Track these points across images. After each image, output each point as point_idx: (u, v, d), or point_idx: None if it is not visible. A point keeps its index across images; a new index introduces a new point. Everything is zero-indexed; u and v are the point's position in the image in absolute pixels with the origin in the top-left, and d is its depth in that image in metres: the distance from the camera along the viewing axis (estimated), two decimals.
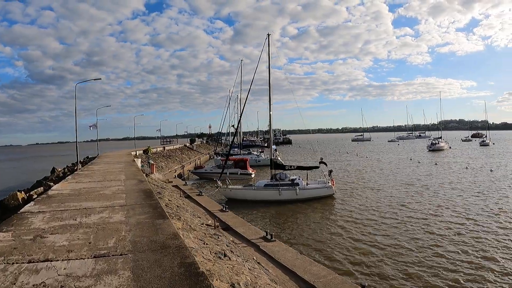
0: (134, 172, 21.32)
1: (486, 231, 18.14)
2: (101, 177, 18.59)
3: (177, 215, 14.66)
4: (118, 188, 14.19)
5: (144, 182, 16.25)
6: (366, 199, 27.26)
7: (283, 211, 24.35)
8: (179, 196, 23.71)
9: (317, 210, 24.63)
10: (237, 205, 24.88)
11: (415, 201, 26.16)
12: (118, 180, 16.95)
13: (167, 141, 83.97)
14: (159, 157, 47.22)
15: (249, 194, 27.30)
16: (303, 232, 18.91)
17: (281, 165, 29.80)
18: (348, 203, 26.20)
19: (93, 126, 45.54)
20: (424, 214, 22.07)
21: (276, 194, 26.94)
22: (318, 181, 29.70)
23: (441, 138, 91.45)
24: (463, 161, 55.52)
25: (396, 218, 21.12)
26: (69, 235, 6.83)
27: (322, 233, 18.62)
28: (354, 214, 22.53)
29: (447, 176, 38.39)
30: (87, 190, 13.57)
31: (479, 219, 20.47)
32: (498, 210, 22.54)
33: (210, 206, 20.71)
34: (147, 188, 14.11)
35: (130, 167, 24.39)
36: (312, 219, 21.97)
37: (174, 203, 19.24)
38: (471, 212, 22.13)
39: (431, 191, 30.05)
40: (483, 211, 22.40)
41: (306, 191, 27.74)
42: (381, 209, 23.68)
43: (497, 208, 22.93)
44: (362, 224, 20.05)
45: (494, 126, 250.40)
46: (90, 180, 17.03)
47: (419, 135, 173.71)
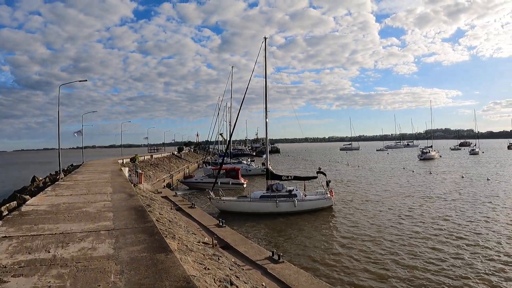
0: (121, 183, 19.29)
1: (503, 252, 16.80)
2: (84, 189, 16.58)
3: (170, 233, 12.93)
4: (104, 204, 12.26)
5: (134, 196, 14.28)
6: (367, 212, 25.78)
7: (282, 225, 22.71)
8: (170, 208, 21.88)
9: (318, 224, 23.06)
10: (230, 218, 23.16)
11: (419, 213, 24.79)
12: (104, 194, 14.94)
13: (154, 149, 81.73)
14: (147, 165, 45.14)
15: (244, 206, 25.58)
16: (309, 251, 17.24)
17: (277, 175, 28.17)
18: (348, 216, 24.67)
19: (78, 132, 43.18)
20: (433, 228, 20.70)
21: (273, 206, 25.30)
22: (316, 192, 28.23)
23: (431, 147, 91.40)
24: (457, 170, 54.89)
25: (401, 235, 19.58)
26: (37, 279, 4.98)
27: (329, 252, 16.98)
28: (358, 230, 20.99)
29: (445, 186, 37.31)
30: (67, 207, 11.61)
31: (489, 233, 19.19)
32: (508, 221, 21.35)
33: (204, 220, 18.95)
34: (138, 205, 12.18)
35: (117, 177, 22.37)
36: (315, 234, 20.37)
37: (165, 217, 17.46)
38: (478, 227, 20.86)
39: (433, 202, 28.82)
40: (489, 223, 21.17)
41: (304, 202, 26.20)
42: (384, 224, 22.17)
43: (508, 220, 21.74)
44: (370, 241, 18.51)
45: (480, 135, 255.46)
46: (72, 193, 15.03)
47: (407, 144, 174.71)
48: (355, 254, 16.46)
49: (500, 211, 24.62)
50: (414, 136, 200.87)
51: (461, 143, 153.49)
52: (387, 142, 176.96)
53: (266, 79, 28.58)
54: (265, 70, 28.51)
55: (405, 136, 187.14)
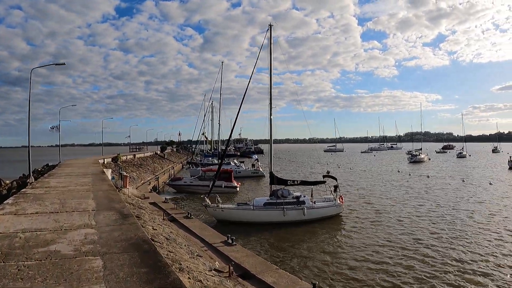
0: (107, 192, 14.77)
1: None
2: (57, 202, 12.05)
3: (174, 260, 9.52)
4: (86, 235, 7.76)
5: (130, 218, 9.71)
6: (380, 221, 23.07)
7: (295, 237, 19.50)
8: (162, 219, 18.33)
9: (331, 234, 20.02)
10: (228, 228, 19.87)
11: (437, 222, 22.35)
12: (84, 211, 10.38)
13: (136, 148, 77.14)
14: (130, 166, 41.11)
15: (246, 215, 22.21)
16: (339, 276, 14.05)
17: (282, 180, 24.90)
18: (362, 227, 21.77)
19: (55, 128, 38.25)
20: (457, 240, 18.01)
21: (280, 214, 22.08)
22: (324, 198, 25.19)
23: (421, 150, 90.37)
24: (453, 174, 53.21)
25: (422, 249, 16.94)
26: None
27: (366, 275, 13.85)
28: (386, 245, 18.03)
29: (451, 192, 35.04)
30: (26, 239, 7.38)
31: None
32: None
33: (208, 236, 15.52)
34: (141, 238, 7.54)
35: (100, 183, 17.94)
36: (335, 250, 17.23)
37: (160, 232, 13.97)
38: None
39: (446, 209, 26.46)
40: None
41: (314, 210, 23.14)
42: (404, 239, 19.30)
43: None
44: (412, 259, 15.55)
45: (460, 138, 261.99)
46: (38, 210, 10.54)
47: (391, 146, 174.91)
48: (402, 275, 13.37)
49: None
50: (394, 139, 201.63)
51: (445, 146, 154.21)
52: (371, 144, 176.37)
53: (271, 71, 25.32)
54: (270, 60, 25.25)
55: (386, 138, 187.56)
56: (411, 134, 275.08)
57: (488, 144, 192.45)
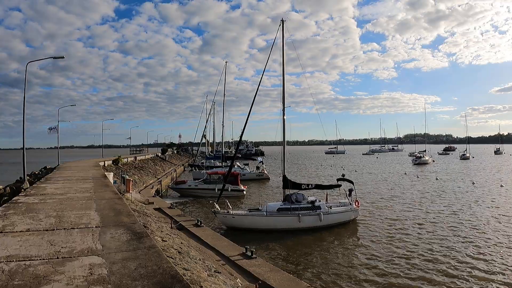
0: (112, 201, 12.44)
1: None
2: (54, 215, 9.89)
3: (193, 281, 8.06)
4: (90, 266, 5.68)
5: (146, 239, 7.41)
6: (398, 227, 21.79)
7: (312, 246, 18.02)
8: (170, 227, 16.84)
9: (353, 243, 18.55)
10: (240, 236, 18.48)
11: (456, 229, 21.06)
12: (86, 229, 8.20)
13: (137, 150, 75.51)
14: (131, 168, 39.58)
15: (259, 222, 20.69)
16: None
17: (296, 184, 23.38)
18: (383, 234, 20.39)
19: (53, 129, 36.49)
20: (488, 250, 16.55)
21: (295, 221, 20.60)
22: (340, 202, 23.72)
23: (425, 152, 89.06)
24: (461, 176, 52.01)
25: (460, 261, 15.49)
26: None
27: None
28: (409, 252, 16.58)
29: (464, 195, 33.84)
30: (10, 273, 5.29)
31: None
32: None
33: (223, 247, 14.01)
34: (168, 270, 5.48)
35: (103, 189, 15.73)
36: (362, 261, 15.75)
37: (171, 244, 12.48)
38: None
39: (463, 214, 25.22)
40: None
41: (330, 216, 21.71)
42: (423, 244, 18.10)
43: None
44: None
45: (459, 140, 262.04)
46: (30, 227, 8.33)
47: (392, 148, 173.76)
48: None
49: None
50: (394, 141, 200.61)
51: (446, 148, 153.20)
52: (372, 146, 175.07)
53: (283, 68, 23.93)
54: (283, 57, 23.90)
55: (385, 140, 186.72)
56: (410, 136, 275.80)
57: (488, 146, 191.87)
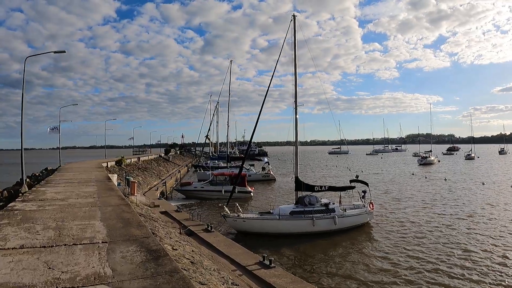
0: (119, 208, 10.95)
1: None
2: (53, 226, 8.42)
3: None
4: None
5: (165, 259, 5.85)
6: (414, 231, 20.83)
7: (329, 252, 17.01)
8: (179, 233, 15.83)
9: (371, 247, 17.52)
10: (253, 241, 17.52)
11: (474, 231, 20.25)
12: (91, 246, 6.72)
13: (140, 150, 74.60)
14: (135, 169, 38.63)
15: (271, 225, 19.68)
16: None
17: (309, 186, 22.35)
18: (399, 237, 19.47)
19: (54, 129, 35.33)
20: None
21: (309, 224, 19.60)
22: (353, 204, 22.71)
23: (431, 152, 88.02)
24: (469, 177, 51.00)
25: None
26: None
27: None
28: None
29: (477, 196, 32.91)
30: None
31: None
32: None
33: (237, 255, 13.00)
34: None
35: (107, 194, 14.23)
36: (384, 267, 14.71)
37: (182, 253, 11.46)
38: None
39: (480, 216, 24.27)
40: None
41: (345, 219, 20.73)
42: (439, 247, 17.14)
43: None
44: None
45: (461, 140, 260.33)
46: (24, 243, 6.88)
47: (395, 148, 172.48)
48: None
49: None
50: (396, 141, 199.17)
51: (450, 147, 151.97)
52: (375, 146, 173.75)
53: (296, 65, 22.82)
54: (295, 54, 22.79)
55: (387, 140, 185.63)
56: (413, 136, 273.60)
57: (491, 146, 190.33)
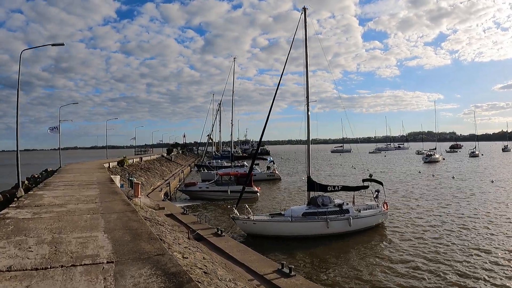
0: (125, 216, 9.60)
1: None
2: (48, 239, 7.09)
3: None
4: None
5: (190, 286, 4.69)
6: (430, 231, 19.93)
7: (348, 256, 16.00)
8: (187, 237, 14.83)
9: (390, 250, 16.50)
10: (257, 244, 16.55)
11: (494, 231, 19.27)
12: (94, 267, 5.43)
13: (142, 150, 73.66)
14: (137, 170, 37.65)
15: (284, 228, 18.67)
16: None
17: (322, 186, 21.31)
18: (416, 239, 18.49)
19: (54, 129, 34.36)
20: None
21: (323, 226, 18.61)
22: (367, 204, 21.73)
23: (435, 150, 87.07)
24: (477, 175, 49.92)
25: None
26: None
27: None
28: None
29: (489, 195, 31.73)
30: None
31: None
32: None
33: (252, 262, 12.00)
34: None
35: (111, 198, 12.87)
36: (406, 271, 13.70)
37: (193, 261, 10.47)
38: None
39: (496, 216, 23.30)
40: None
41: (360, 220, 19.78)
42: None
43: None
44: None
45: (462, 138, 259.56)
46: (13, 263, 5.57)
47: (398, 146, 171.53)
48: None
49: None
50: (397, 139, 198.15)
51: (453, 145, 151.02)
52: (378, 145, 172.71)
53: (307, 60, 21.88)
54: (306, 47, 21.85)
55: (389, 138, 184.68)
56: (414, 134, 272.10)
57: (493, 143, 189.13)
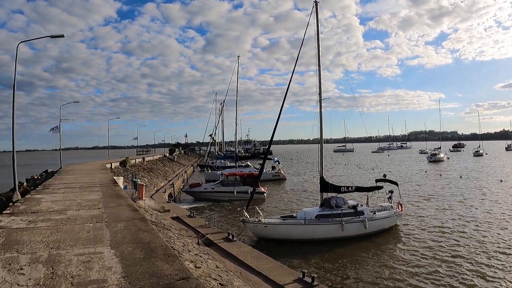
0: (132, 224, 8.75)
1: None
2: (44, 258, 5.87)
3: None
4: None
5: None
6: (446, 235, 18.96)
7: (364, 260, 15.09)
8: (197, 243, 13.91)
9: (403, 253, 15.58)
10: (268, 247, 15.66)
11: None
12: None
13: (145, 150, 72.78)
14: (140, 170, 36.76)
15: (296, 231, 17.76)
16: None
17: (335, 186, 20.39)
18: (437, 246, 17.61)
19: (54, 128, 33.54)
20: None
21: (338, 229, 17.71)
22: (381, 205, 20.83)
23: (440, 149, 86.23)
24: (484, 174, 49.15)
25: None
26: None
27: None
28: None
29: (500, 195, 30.93)
30: None
31: None
32: None
33: (269, 270, 11.09)
34: None
35: (116, 203, 11.82)
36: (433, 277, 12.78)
37: (206, 271, 9.54)
38: None
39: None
40: None
41: (375, 222, 18.90)
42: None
43: None
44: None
45: (464, 137, 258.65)
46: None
47: (401, 145, 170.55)
48: None
49: None
50: (398, 138, 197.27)
51: (455, 144, 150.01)
52: (381, 144, 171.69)
53: (319, 56, 21.01)
54: (318, 43, 20.99)
55: (390, 137, 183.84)
56: (415, 133, 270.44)
57: (496, 142, 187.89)
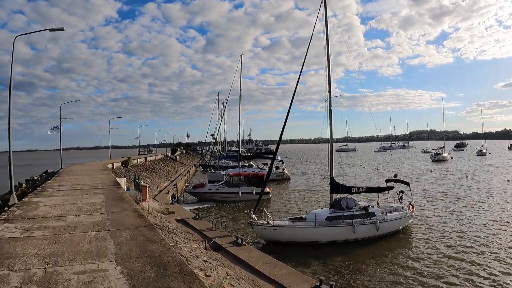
0: (138, 232, 8.12)
1: None
2: (38, 278, 5.15)
3: None
4: None
5: None
6: (458, 237, 18.33)
7: (377, 264, 14.44)
8: (204, 247, 13.26)
9: (420, 256, 14.92)
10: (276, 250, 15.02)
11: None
12: None
13: (146, 150, 72.13)
14: (142, 170, 36.16)
15: (306, 233, 17.12)
16: None
17: (346, 187, 19.72)
18: (443, 243, 16.93)
19: (55, 128, 32.87)
20: None
21: (349, 231, 17.08)
22: (392, 206, 20.17)
23: (443, 148, 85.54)
24: (490, 173, 48.50)
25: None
26: None
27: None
28: None
29: (509, 195, 30.15)
30: None
31: None
32: None
33: (283, 277, 10.45)
34: None
35: (119, 207, 11.15)
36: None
37: (216, 280, 8.90)
38: None
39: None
40: None
41: (386, 223, 18.26)
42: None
43: None
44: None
45: (465, 136, 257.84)
46: None
47: (403, 145, 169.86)
48: None
49: None
50: (400, 138, 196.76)
51: (458, 144, 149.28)
52: (383, 143, 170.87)
53: (328, 54, 20.31)
54: (327, 33, 20.22)
55: (392, 137, 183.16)
56: (417, 132, 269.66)
57: (497, 141, 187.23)
